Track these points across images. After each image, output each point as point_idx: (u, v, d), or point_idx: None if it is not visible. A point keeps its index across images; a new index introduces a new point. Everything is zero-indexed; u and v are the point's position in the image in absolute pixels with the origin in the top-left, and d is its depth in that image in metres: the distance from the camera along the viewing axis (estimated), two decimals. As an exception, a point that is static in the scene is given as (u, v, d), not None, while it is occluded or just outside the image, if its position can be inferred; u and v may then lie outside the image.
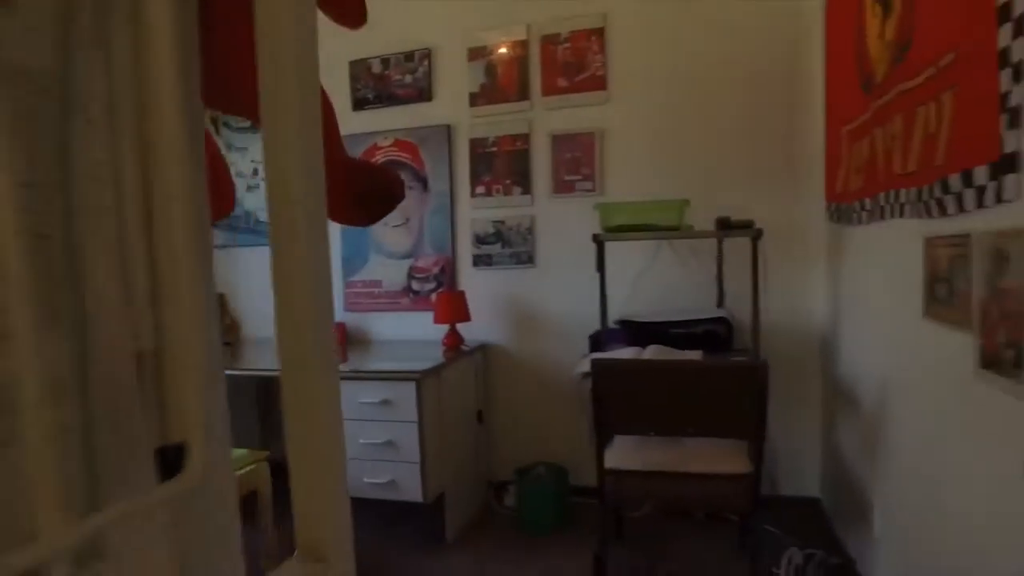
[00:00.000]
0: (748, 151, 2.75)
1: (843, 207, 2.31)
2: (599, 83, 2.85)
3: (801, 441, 2.81)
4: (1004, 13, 1.10)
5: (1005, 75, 1.11)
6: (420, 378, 2.40)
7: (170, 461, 0.31)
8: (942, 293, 1.46)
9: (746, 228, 2.29)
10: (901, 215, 1.70)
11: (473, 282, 3.11)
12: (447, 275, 3.14)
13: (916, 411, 1.67)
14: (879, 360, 1.98)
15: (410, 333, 3.23)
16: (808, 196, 2.70)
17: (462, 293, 2.97)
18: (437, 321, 2.92)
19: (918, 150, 1.55)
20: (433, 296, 3.07)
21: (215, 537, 0.34)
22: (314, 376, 0.34)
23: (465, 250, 3.13)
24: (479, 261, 3.09)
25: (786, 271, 2.76)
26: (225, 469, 0.31)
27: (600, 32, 2.84)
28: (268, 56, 0.34)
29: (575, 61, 2.87)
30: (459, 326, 2.94)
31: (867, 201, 2.00)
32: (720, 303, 2.54)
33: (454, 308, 2.89)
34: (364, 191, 0.47)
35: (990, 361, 1.21)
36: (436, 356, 2.70)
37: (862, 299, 2.19)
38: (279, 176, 0.34)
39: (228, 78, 0.38)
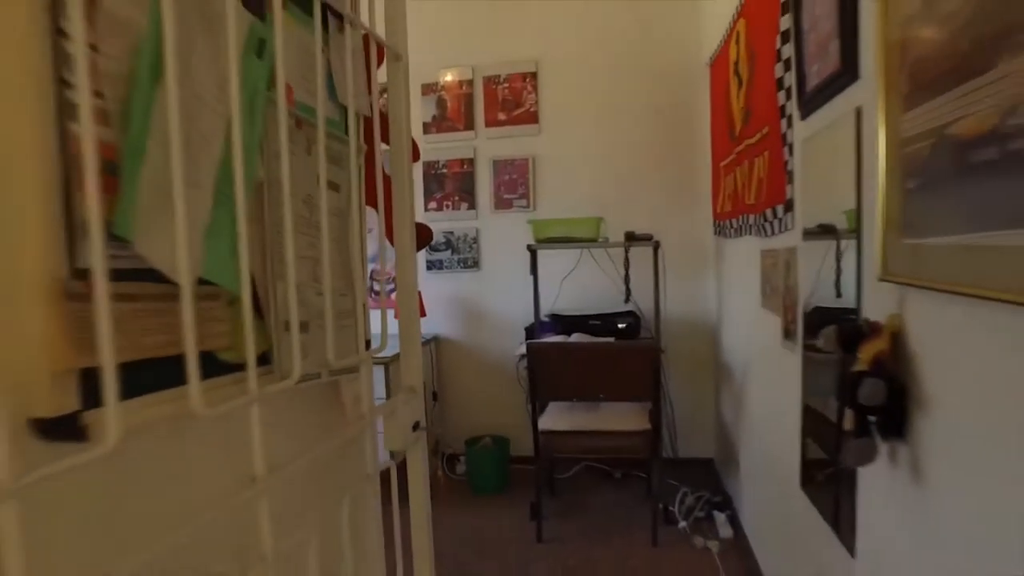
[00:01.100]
0: (654, 177, 3.38)
1: (722, 224, 2.96)
2: (532, 118, 3.42)
3: (699, 412, 3.46)
4: (782, 111, 1.73)
5: (786, 150, 1.74)
6: (388, 363, 2.90)
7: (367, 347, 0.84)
8: (767, 290, 2.10)
9: (647, 240, 2.91)
10: (750, 233, 2.33)
11: (427, 284, 3.62)
12: (404, 278, 3.63)
13: (759, 373, 2.31)
14: (742, 340, 2.63)
15: (374, 328, 3.70)
16: (700, 215, 3.35)
17: (418, 293, 3.46)
18: (397, 317, 3.40)
19: (756, 188, 2.18)
20: (393, 296, 3.55)
21: (370, 382, 0.87)
22: (412, 311, 0.87)
23: (420, 256, 3.64)
24: (432, 266, 3.61)
25: (686, 275, 3.40)
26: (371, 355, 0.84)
27: (534, 75, 3.41)
28: (398, 188, 0.87)
29: (512, 99, 3.43)
30: (416, 321, 3.43)
31: (734, 221, 2.65)
32: (627, 300, 3.15)
33: (411, 306, 3.38)
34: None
35: (785, 334, 1.85)
36: (397, 346, 3.19)
37: (733, 295, 2.84)
38: (401, 224, 0.86)
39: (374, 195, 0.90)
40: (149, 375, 0.48)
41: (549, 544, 2.61)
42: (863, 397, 1.02)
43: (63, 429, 0.40)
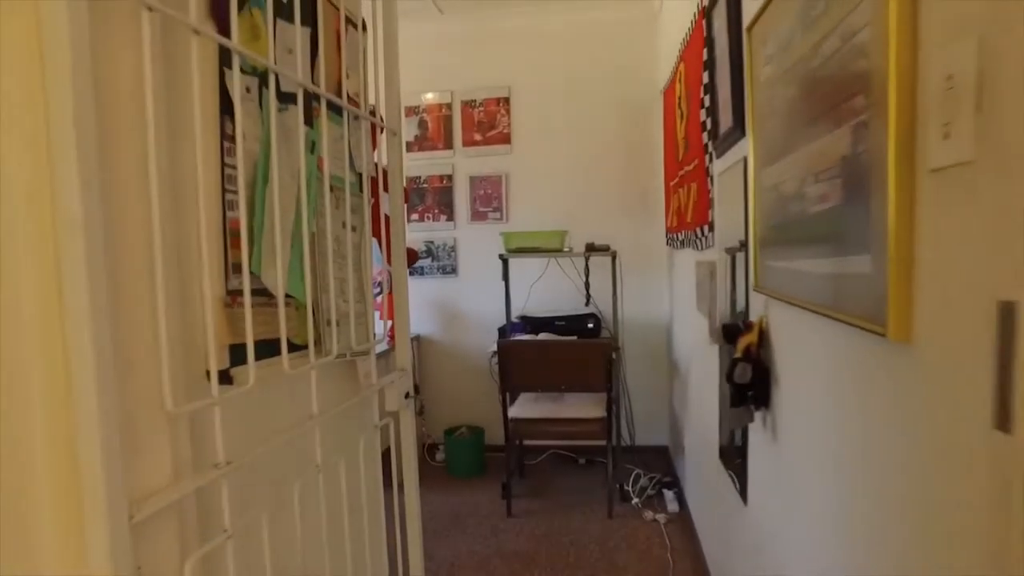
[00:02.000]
0: (614, 192, 3.75)
1: (671, 236, 3.34)
2: (505, 138, 3.77)
3: (654, 404, 3.83)
4: (706, 148, 2.10)
5: (709, 180, 2.11)
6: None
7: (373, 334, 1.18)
8: (699, 295, 2.47)
9: (605, 250, 3.28)
10: (689, 246, 2.71)
11: (409, 288, 3.94)
12: (389, 283, 3.95)
13: (696, 366, 2.69)
14: (686, 339, 3.01)
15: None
16: (655, 226, 3.73)
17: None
18: (383, 318, 3.73)
19: (691, 208, 2.56)
20: (378, 299, 3.88)
21: (374, 362, 1.21)
22: (403, 312, 1.21)
23: (402, 263, 3.97)
24: (414, 272, 3.94)
25: (642, 281, 3.78)
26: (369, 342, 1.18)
27: (507, 100, 3.76)
28: (394, 226, 1.21)
29: (487, 121, 3.78)
30: (398, 322, 3.77)
31: (679, 234, 3.02)
32: (587, 303, 3.52)
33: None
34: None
35: (710, 332, 2.22)
36: (383, 345, 3.52)
37: (680, 299, 3.22)
38: (397, 251, 1.21)
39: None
40: (257, 349, 0.82)
41: (518, 517, 2.96)
42: (736, 377, 1.39)
43: (223, 377, 0.74)
